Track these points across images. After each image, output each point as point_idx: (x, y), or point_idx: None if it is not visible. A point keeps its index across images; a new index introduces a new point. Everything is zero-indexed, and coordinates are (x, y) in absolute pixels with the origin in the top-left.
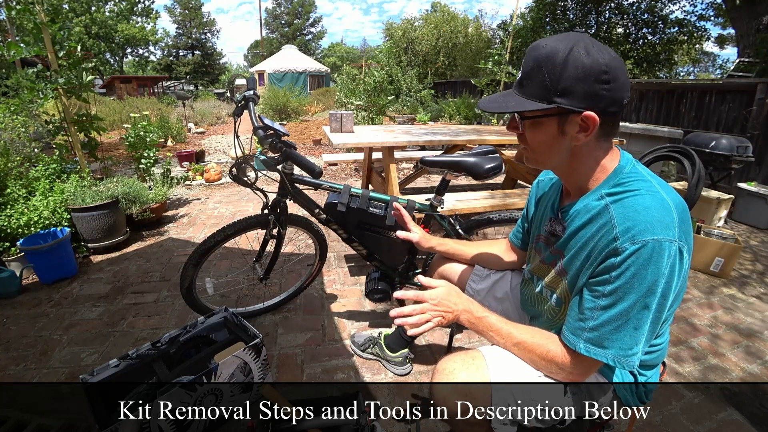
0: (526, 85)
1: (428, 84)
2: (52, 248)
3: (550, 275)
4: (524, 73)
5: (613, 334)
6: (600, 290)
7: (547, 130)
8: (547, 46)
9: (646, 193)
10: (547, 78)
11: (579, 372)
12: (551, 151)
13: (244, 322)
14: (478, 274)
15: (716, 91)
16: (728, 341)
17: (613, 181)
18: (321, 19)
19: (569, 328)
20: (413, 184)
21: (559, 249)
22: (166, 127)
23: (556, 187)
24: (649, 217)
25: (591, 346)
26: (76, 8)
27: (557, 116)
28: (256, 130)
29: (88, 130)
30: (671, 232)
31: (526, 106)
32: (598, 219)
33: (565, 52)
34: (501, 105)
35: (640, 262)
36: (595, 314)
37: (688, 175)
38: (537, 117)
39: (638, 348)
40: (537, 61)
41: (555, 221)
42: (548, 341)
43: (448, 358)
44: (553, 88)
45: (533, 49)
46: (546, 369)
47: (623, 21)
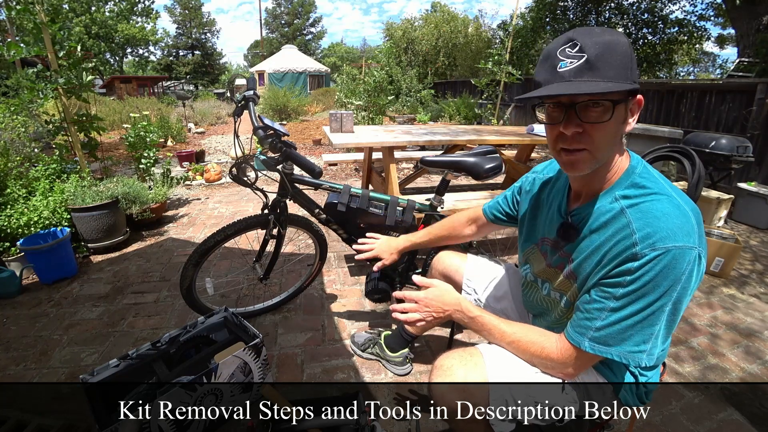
0: (600, 68)
1: (428, 84)
2: (52, 248)
3: (558, 279)
4: (593, 57)
5: (621, 334)
6: (611, 292)
7: (620, 117)
8: (601, 33)
9: (664, 197)
10: (625, 59)
11: (576, 367)
12: (613, 143)
13: (244, 322)
14: (470, 271)
15: (716, 91)
16: (728, 341)
17: (625, 183)
18: (321, 19)
19: (574, 326)
20: (413, 184)
21: (568, 252)
22: (166, 127)
23: (560, 187)
24: (670, 224)
25: (596, 344)
26: (76, 8)
27: (625, 102)
28: (256, 130)
29: (88, 130)
30: (692, 239)
31: (618, 87)
32: (614, 223)
33: (624, 37)
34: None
35: (659, 268)
36: (604, 314)
37: (688, 175)
38: (620, 101)
39: (646, 347)
40: (604, 44)
41: (567, 225)
42: (543, 338)
43: (447, 355)
44: (633, 68)
45: (587, 34)
46: (542, 366)
47: (623, 21)
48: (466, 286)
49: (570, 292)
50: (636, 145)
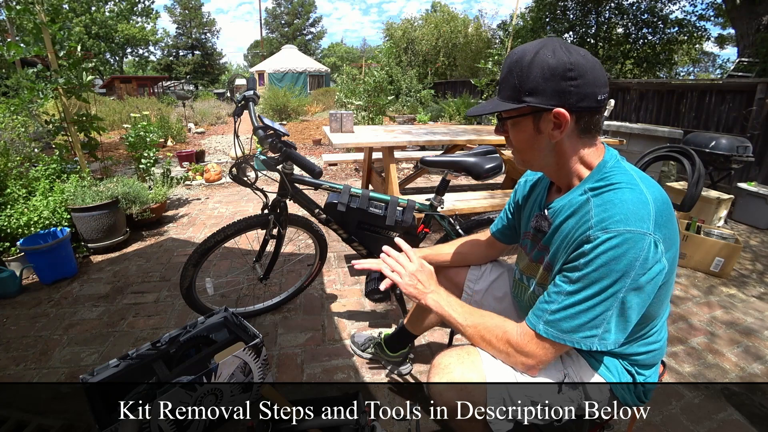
0: (501, 89)
1: (428, 84)
2: (52, 248)
3: (539, 272)
4: (500, 79)
5: (574, 319)
6: (569, 276)
7: (525, 130)
8: (518, 51)
9: (626, 186)
10: (516, 80)
11: (535, 357)
12: (533, 150)
13: (244, 322)
14: (474, 273)
15: (716, 91)
16: (728, 341)
17: (596, 177)
18: (321, 19)
19: (534, 310)
20: (413, 184)
21: (545, 245)
22: (166, 127)
23: (544, 185)
24: (624, 209)
25: (550, 328)
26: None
27: (531, 115)
28: (256, 130)
29: (88, 130)
30: (645, 224)
31: (500, 107)
32: (579, 212)
33: (531, 55)
34: (480, 109)
35: (611, 252)
36: (560, 298)
37: (688, 175)
38: (513, 117)
39: (597, 331)
40: (509, 66)
41: (540, 217)
42: (506, 323)
43: (445, 354)
44: (522, 88)
45: (508, 57)
46: (503, 352)
47: (623, 21)
48: (467, 287)
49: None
50: (636, 145)
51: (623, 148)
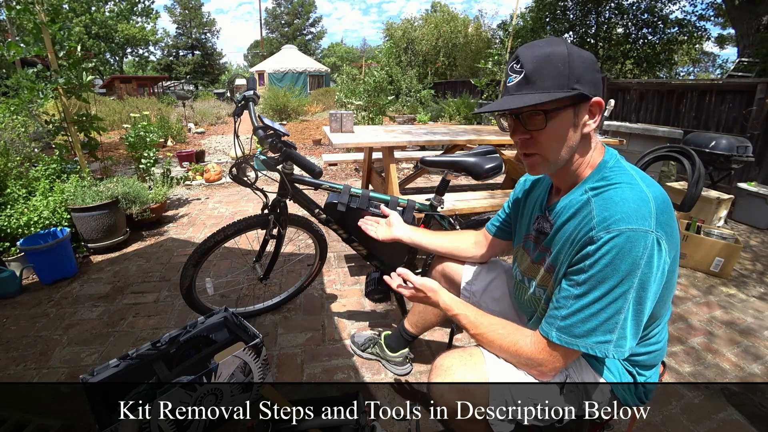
0: (535, 81)
1: (428, 84)
2: (52, 248)
3: (540, 274)
4: (529, 72)
5: (585, 323)
6: (575, 279)
7: (565, 122)
8: (543, 46)
9: (626, 185)
10: (561, 68)
11: (549, 364)
12: (565, 146)
13: (244, 322)
14: (469, 274)
15: (716, 91)
16: (727, 341)
17: (597, 176)
18: (321, 19)
19: (545, 318)
20: (413, 184)
21: (547, 246)
22: (166, 127)
23: (545, 185)
24: (626, 208)
25: (563, 335)
26: (76, 8)
27: (572, 106)
28: (256, 130)
29: (88, 130)
30: (647, 222)
31: (549, 97)
32: (581, 212)
33: (563, 47)
34: (516, 102)
35: (615, 251)
36: (569, 303)
37: (688, 175)
38: (557, 109)
39: (612, 336)
40: (541, 58)
41: (542, 219)
42: (517, 333)
43: (446, 355)
44: (571, 75)
45: (529, 50)
46: (515, 362)
47: (623, 21)
48: (464, 289)
49: (549, 287)
50: (636, 145)
51: (623, 148)
